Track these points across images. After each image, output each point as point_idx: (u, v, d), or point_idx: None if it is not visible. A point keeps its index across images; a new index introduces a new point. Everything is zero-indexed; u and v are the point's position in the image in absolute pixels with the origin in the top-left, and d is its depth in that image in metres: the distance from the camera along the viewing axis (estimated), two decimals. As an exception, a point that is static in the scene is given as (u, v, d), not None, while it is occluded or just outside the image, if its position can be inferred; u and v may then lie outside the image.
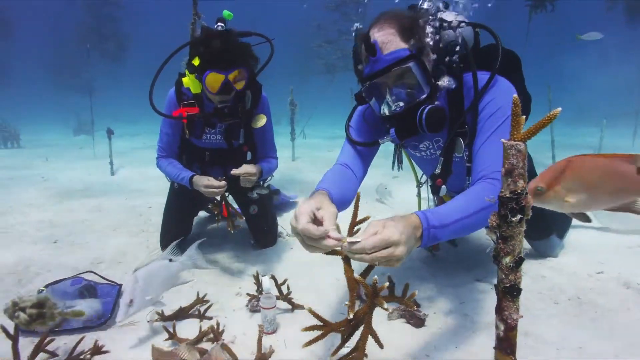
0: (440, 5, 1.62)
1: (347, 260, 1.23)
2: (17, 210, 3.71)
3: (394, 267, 1.08)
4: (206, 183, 2.21)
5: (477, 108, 1.54)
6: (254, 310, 1.92)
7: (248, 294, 2.01)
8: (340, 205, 1.47)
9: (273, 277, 1.90)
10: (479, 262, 2.41)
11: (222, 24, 2.25)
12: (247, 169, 2.27)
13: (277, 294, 1.91)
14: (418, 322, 1.76)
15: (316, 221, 1.18)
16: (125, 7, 14.98)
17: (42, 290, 1.98)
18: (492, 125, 1.48)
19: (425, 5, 1.60)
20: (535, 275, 2.23)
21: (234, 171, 2.25)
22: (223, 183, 2.20)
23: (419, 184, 2.20)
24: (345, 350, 1.31)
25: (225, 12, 2.27)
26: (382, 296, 1.18)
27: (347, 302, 1.22)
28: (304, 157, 7.33)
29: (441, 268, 2.36)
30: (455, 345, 1.62)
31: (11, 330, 1.38)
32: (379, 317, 1.83)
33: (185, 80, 2.26)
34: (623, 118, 8.72)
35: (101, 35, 13.95)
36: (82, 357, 1.44)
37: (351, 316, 1.21)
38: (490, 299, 1.99)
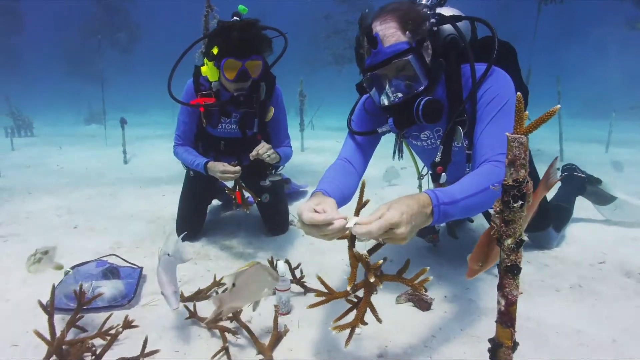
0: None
1: (351, 240, 1.30)
2: (36, 197, 3.84)
3: (401, 244, 1.16)
4: (221, 168, 2.30)
5: (475, 97, 1.62)
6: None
7: (263, 278, 2.10)
8: (340, 201, 1.55)
9: (287, 262, 2.00)
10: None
11: (238, 18, 2.33)
12: (267, 145, 2.33)
13: (291, 278, 2.01)
14: (425, 305, 1.86)
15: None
16: (135, -1, 15.12)
17: (69, 271, 2.09)
18: (490, 112, 1.56)
19: (424, 1, 1.67)
20: (538, 264, 2.31)
21: (254, 152, 2.29)
22: (238, 168, 2.29)
23: (420, 176, 2.27)
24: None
25: (241, 7, 2.36)
26: (390, 275, 1.27)
27: (347, 277, 1.29)
28: (313, 148, 7.41)
29: (445, 257, 2.44)
30: (460, 327, 1.71)
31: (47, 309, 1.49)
32: (387, 301, 1.93)
33: (203, 69, 2.36)
34: (630, 112, 8.67)
35: (112, 26, 14.06)
36: (111, 331, 1.55)
37: (349, 289, 1.28)
38: (493, 287, 2.07)
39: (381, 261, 1.27)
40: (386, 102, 1.66)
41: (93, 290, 1.90)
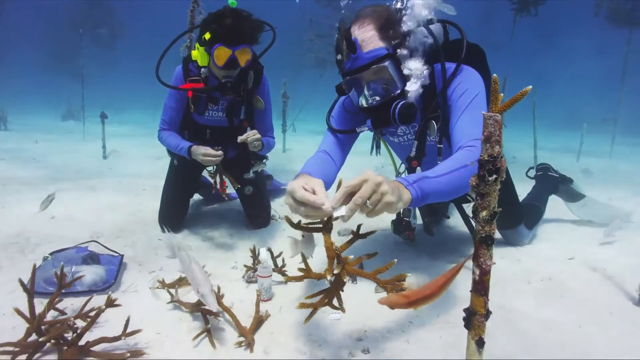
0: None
1: (327, 232, 1.30)
2: (11, 188, 3.75)
3: (391, 211, 1.19)
4: (203, 152, 2.33)
5: (446, 93, 1.72)
6: (250, 281, 2.05)
7: (245, 266, 2.13)
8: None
9: (269, 250, 2.03)
10: (455, 250, 2.57)
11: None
12: (258, 135, 2.37)
13: (273, 267, 2.04)
14: (403, 294, 1.91)
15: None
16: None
17: (47, 257, 2.07)
18: (462, 105, 1.66)
19: (398, 5, 1.73)
20: (511, 259, 2.40)
21: (241, 137, 2.33)
22: (220, 152, 2.32)
23: (398, 174, 2.34)
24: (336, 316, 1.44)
25: (231, 1, 2.40)
26: (364, 272, 1.35)
27: (326, 268, 1.29)
28: (295, 149, 7.46)
29: (421, 254, 2.50)
30: (436, 314, 1.77)
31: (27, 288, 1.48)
32: (367, 289, 1.98)
33: (194, 53, 2.40)
34: (603, 125, 9.02)
35: (94, 21, 13.83)
36: (91, 313, 1.54)
37: (328, 276, 1.27)
38: (466, 280, 2.14)
39: (352, 257, 1.29)
40: (364, 104, 1.76)
41: (72, 275, 1.88)
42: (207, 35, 2.28)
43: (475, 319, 0.94)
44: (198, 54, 2.38)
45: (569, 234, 2.86)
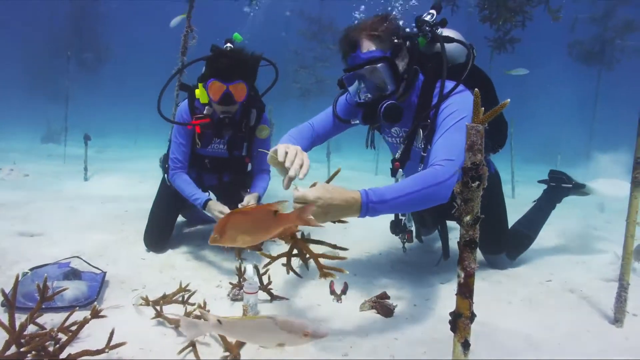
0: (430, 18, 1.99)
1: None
2: (-12, 207, 3.66)
3: (313, 223, 1.39)
4: (220, 209, 2.38)
5: (439, 108, 1.85)
6: (235, 299, 2.04)
7: (230, 283, 2.12)
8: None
9: (256, 267, 2.03)
10: (443, 268, 2.61)
11: (231, 45, 2.50)
12: (250, 200, 2.43)
13: (259, 284, 2.04)
14: (387, 312, 1.93)
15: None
16: (106, 17, 15.06)
17: (27, 272, 2.03)
18: (446, 125, 1.78)
19: (427, 17, 1.96)
20: (492, 281, 2.45)
21: (245, 203, 2.41)
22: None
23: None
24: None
25: (236, 35, 2.52)
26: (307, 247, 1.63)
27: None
28: (278, 175, 7.48)
29: (409, 272, 2.55)
30: (421, 331, 1.80)
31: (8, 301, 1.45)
32: (352, 309, 2.00)
33: (197, 92, 2.47)
34: (577, 158, 9.38)
35: (80, 45, 13.85)
36: (72, 327, 1.51)
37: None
38: (450, 299, 2.17)
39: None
40: (358, 99, 1.95)
41: (54, 290, 1.84)
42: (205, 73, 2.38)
43: (460, 321, 0.97)
44: (199, 93, 2.44)
45: (546, 257, 2.94)
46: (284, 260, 1.71)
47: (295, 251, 1.68)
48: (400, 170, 2.06)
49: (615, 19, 9.79)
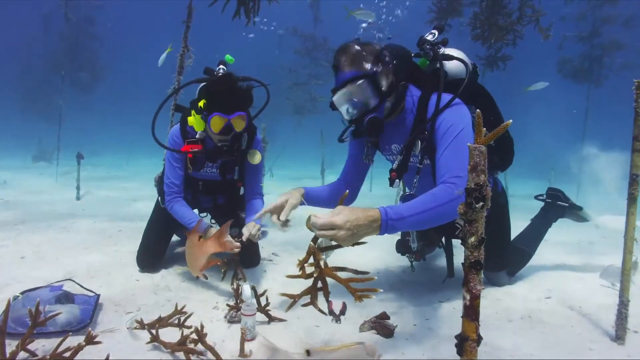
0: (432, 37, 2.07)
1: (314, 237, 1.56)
2: (-22, 227, 3.60)
3: (342, 245, 1.50)
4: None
5: (436, 120, 1.89)
6: (232, 321, 2.00)
7: (228, 305, 2.08)
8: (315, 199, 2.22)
9: (254, 288, 2.00)
10: (442, 286, 2.59)
11: (224, 67, 2.50)
12: (251, 230, 2.36)
13: (257, 306, 2.00)
14: (388, 332, 1.90)
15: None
16: (101, 38, 15.04)
17: (18, 296, 1.98)
18: (447, 140, 1.82)
19: (429, 37, 2.04)
20: (491, 298, 2.43)
21: (247, 234, 2.34)
22: (237, 244, 2.22)
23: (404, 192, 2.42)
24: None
25: (228, 57, 2.51)
26: (337, 276, 1.56)
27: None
28: (271, 194, 7.46)
29: (408, 290, 2.52)
30: (422, 352, 1.77)
31: (-1, 323, 1.41)
32: (351, 330, 1.96)
33: (190, 119, 2.45)
34: (568, 174, 9.47)
35: (76, 64, 13.81)
36: (66, 354, 1.46)
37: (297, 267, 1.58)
38: (450, 317, 2.16)
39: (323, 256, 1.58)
40: (346, 117, 2.01)
41: (45, 314, 1.79)
42: (201, 103, 2.34)
43: (467, 344, 0.96)
44: (194, 121, 2.42)
45: (544, 274, 2.93)
46: (284, 282, 1.67)
47: (319, 284, 1.59)
48: (397, 180, 2.09)
49: (602, 37, 10.00)
